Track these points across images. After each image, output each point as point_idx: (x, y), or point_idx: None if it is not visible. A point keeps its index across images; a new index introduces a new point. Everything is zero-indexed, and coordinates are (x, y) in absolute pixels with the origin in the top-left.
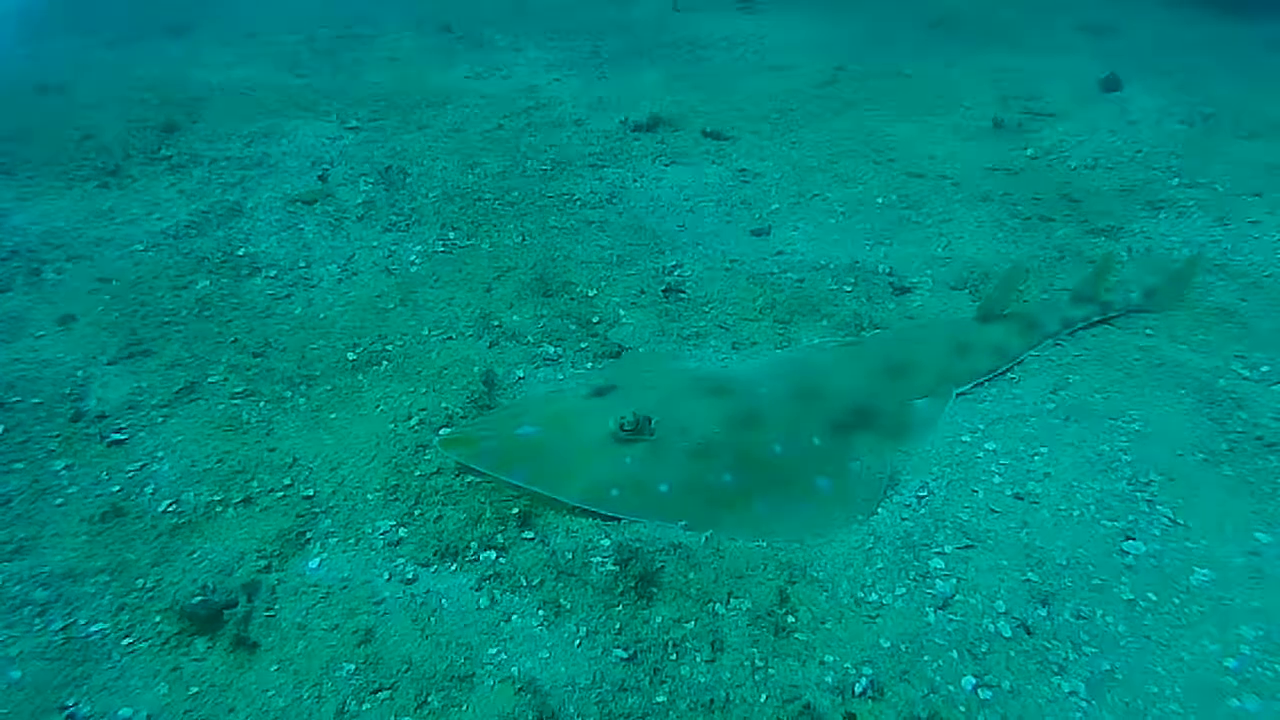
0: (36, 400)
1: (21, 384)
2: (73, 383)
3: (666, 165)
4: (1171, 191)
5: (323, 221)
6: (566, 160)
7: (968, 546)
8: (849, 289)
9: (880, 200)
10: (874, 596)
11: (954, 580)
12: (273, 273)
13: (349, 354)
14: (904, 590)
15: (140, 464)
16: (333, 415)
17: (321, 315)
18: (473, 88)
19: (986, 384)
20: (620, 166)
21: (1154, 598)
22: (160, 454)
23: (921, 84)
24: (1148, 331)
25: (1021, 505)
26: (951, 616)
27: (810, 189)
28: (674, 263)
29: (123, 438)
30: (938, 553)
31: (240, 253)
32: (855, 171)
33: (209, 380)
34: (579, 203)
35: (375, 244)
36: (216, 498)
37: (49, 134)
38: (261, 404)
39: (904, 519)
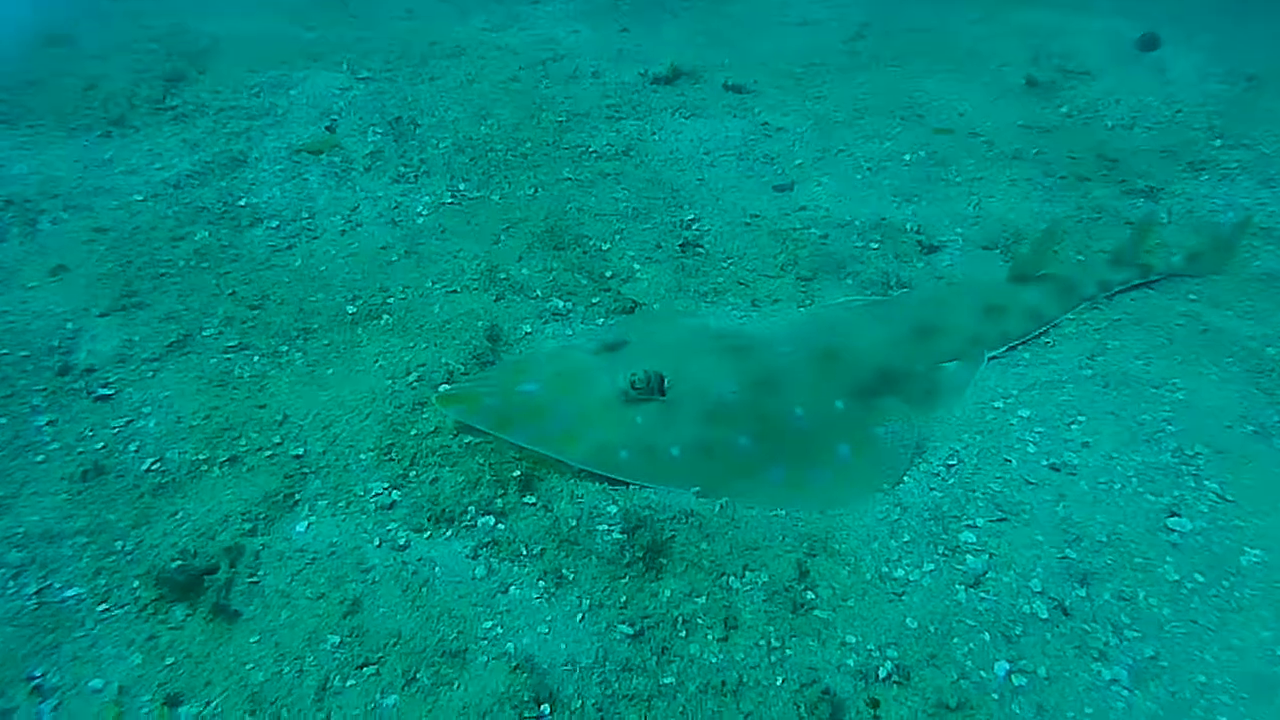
0: (24, 353)
1: (8, 336)
2: (62, 335)
3: (686, 118)
4: (1214, 152)
5: (328, 172)
6: (583, 112)
7: (1000, 520)
8: (875, 247)
9: (908, 157)
10: (900, 572)
11: (986, 556)
12: (274, 224)
13: (348, 307)
14: (932, 566)
15: (126, 420)
16: (329, 370)
17: (322, 267)
18: (489, 39)
19: (1020, 348)
20: (638, 119)
21: (1201, 579)
22: (147, 409)
23: (951, 40)
24: (1190, 296)
25: (1058, 477)
26: (983, 595)
27: (835, 144)
28: (692, 216)
29: (109, 392)
30: (968, 526)
31: (242, 203)
32: (882, 127)
33: (203, 333)
34: (594, 155)
35: (381, 195)
36: (202, 456)
37: (54, 84)
38: (256, 358)
39: (932, 489)
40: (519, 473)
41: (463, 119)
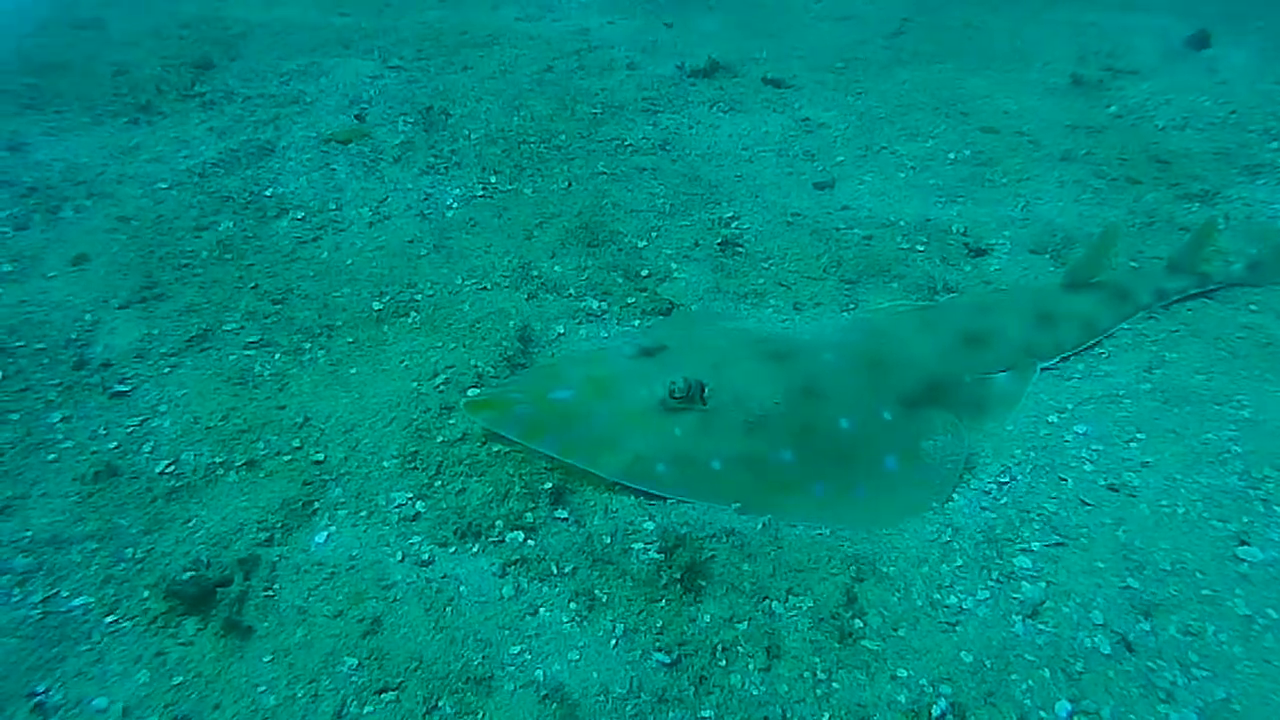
0: (40, 345)
1: (26, 328)
2: (80, 327)
3: (725, 112)
4: (1272, 155)
5: (356, 162)
6: (618, 105)
7: (1058, 544)
8: (921, 249)
9: (952, 156)
10: (953, 599)
11: (1043, 584)
12: (300, 215)
13: (374, 303)
14: (986, 594)
15: (141, 418)
16: (353, 370)
17: (349, 261)
18: (522, 29)
19: (1073, 359)
20: (675, 113)
21: (1275, 615)
22: (163, 408)
23: (995, 37)
24: (1251, 307)
25: (1117, 498)
26: (1041, 627)
27: (878, 141)
28: (731, 214)
29: (126, 389)
30: (1023, 550)
31: (268, 193)
32: (925, 125)
33: (224, 328)
34: (630, 149)
35: (410, 186)
36: (218, 459)
37: (82, 69)
38: (277, 356)
39: (984, 508)
40: (550, 485)
41: (495, 110)
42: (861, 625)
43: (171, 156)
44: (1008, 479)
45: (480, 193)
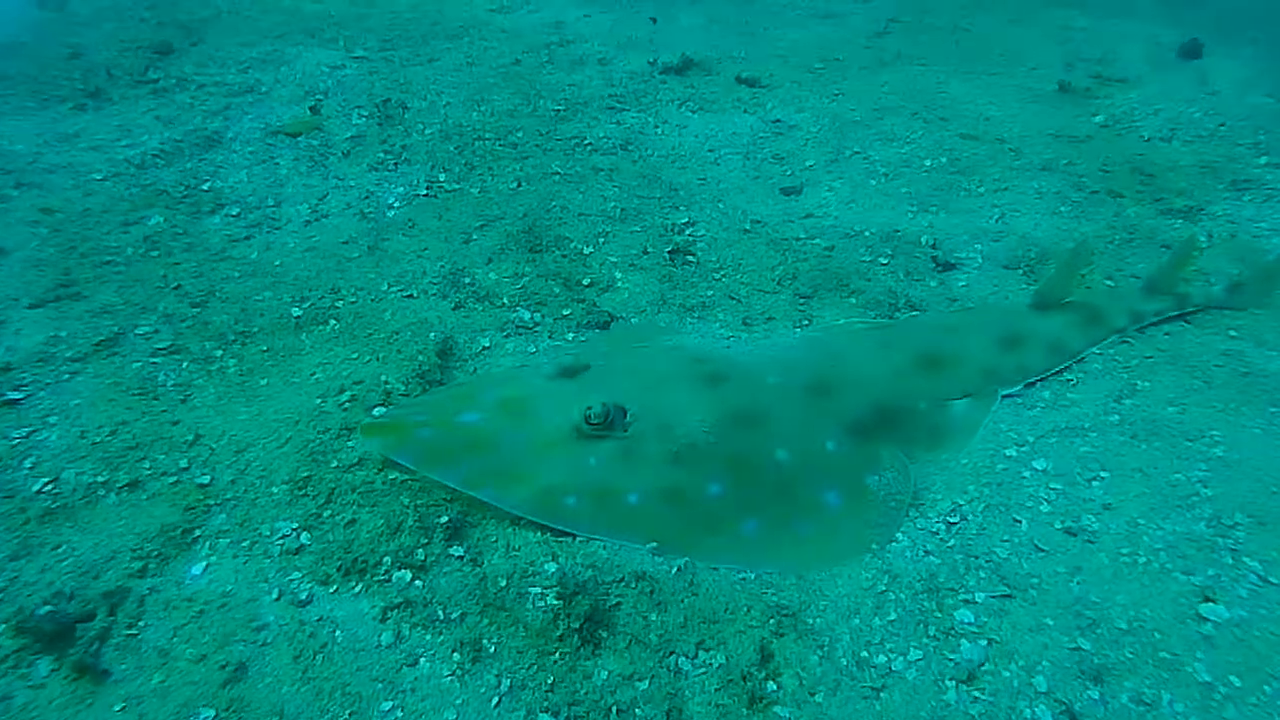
0: None
1: None
2: None
3: (693, 112)
4: (1258, 171)
5: (302, 156)
6: (583, 101)
7: (1005, 596)
8: (885, 262)
9: (928, 163)
10: (881, 658)
11: (984, 642)
12: (235, 211)
13: (294, 309)
14: (919, 654)
15: (29, 430)
16: (263, 381)
17: (277, 262)
18: (495, 21)
19: (1039, 385)
20: (641, 110)
21: (1238, 683)
22: (53, 419)
23: (981, 41)
24: (1231, 333)
25: (1075, 544)
26: (977, 694)
27: (850, 146)
28: (686, 220)
29: (19, 396)
30: (966, 601)
31: (205, 187)
32: (902, 129)
33: (137, 331)
34: (589, 148)
35: (354, 184)
36: (100, 479)
37: (34, 51)
38: (185, 364)
39: (928, 552)
40: (448, 518)
41: (455, 104)
42: (775, 688)
43: (111, 145)
44: (957, 519)
45: (425, 191)
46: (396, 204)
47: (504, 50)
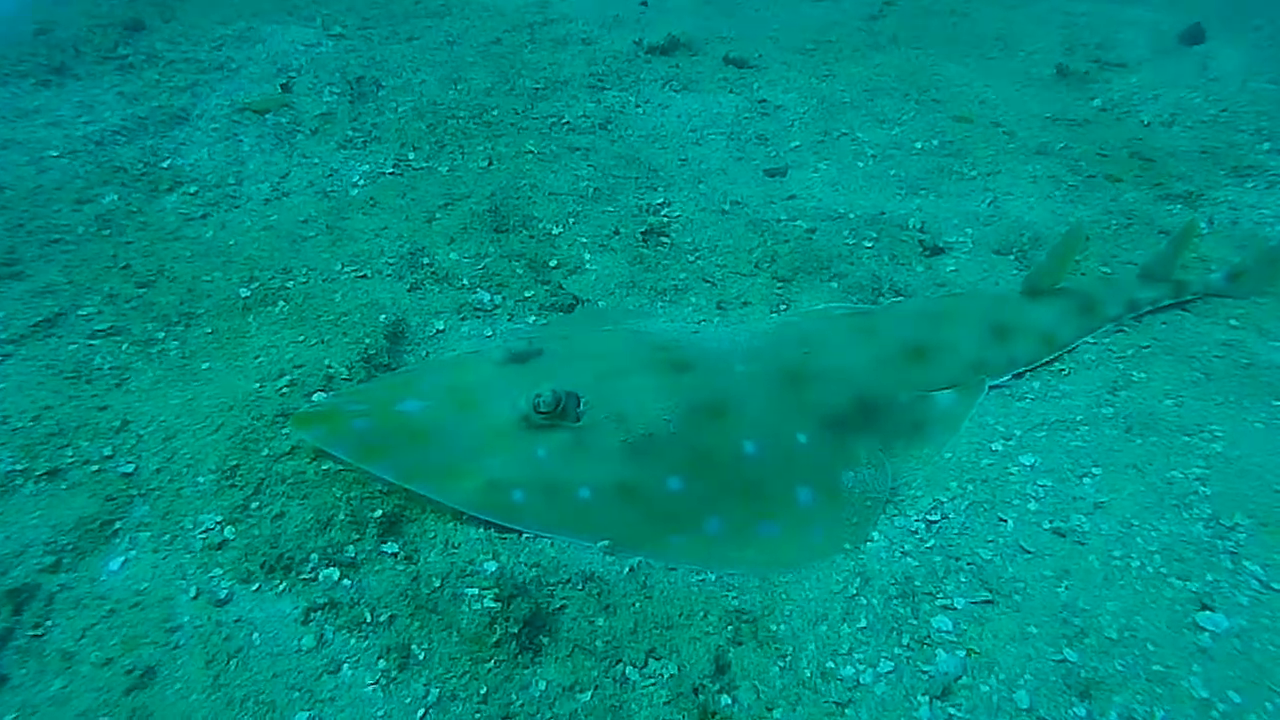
0: None
1: None
2: None
3: (676, 91)
4: (1261, 157)
5: (267, 134)
6: (563, 80)
7: (986, 602)
8: (869, 245)
9: (919, 145)
10: (848, 670)
11: (962, 653)
12: (193, 189)
13: (242, 290)
14: (891, 665)
15: None
16: (205, 365)
17: (231, 241)
18: (480, 0)
19: (1028, 375)
20: (623, 90)
21: (1237, 699)
22: None
23: (980, 24)
24: (1232, 322)
25: (1063, 546)
26: (952, 711)
27: (838, 127)
28: (662, 200)
29: None
30: (944, 607)
31: (165, 164)
32: (893, 111)
33: (79, 312)
34: (566, 127)
35: (318, 162)
36: (19, 467)
37: (3, 26)
38: (125, 346)
39: (905, 553)
40: (382, 512)
41: (430, 82)
42: (730, 703)
43: (71, 122)
44: (938, 517)
45: (390, 170)
46: (361, 182)
47: (486, 28)
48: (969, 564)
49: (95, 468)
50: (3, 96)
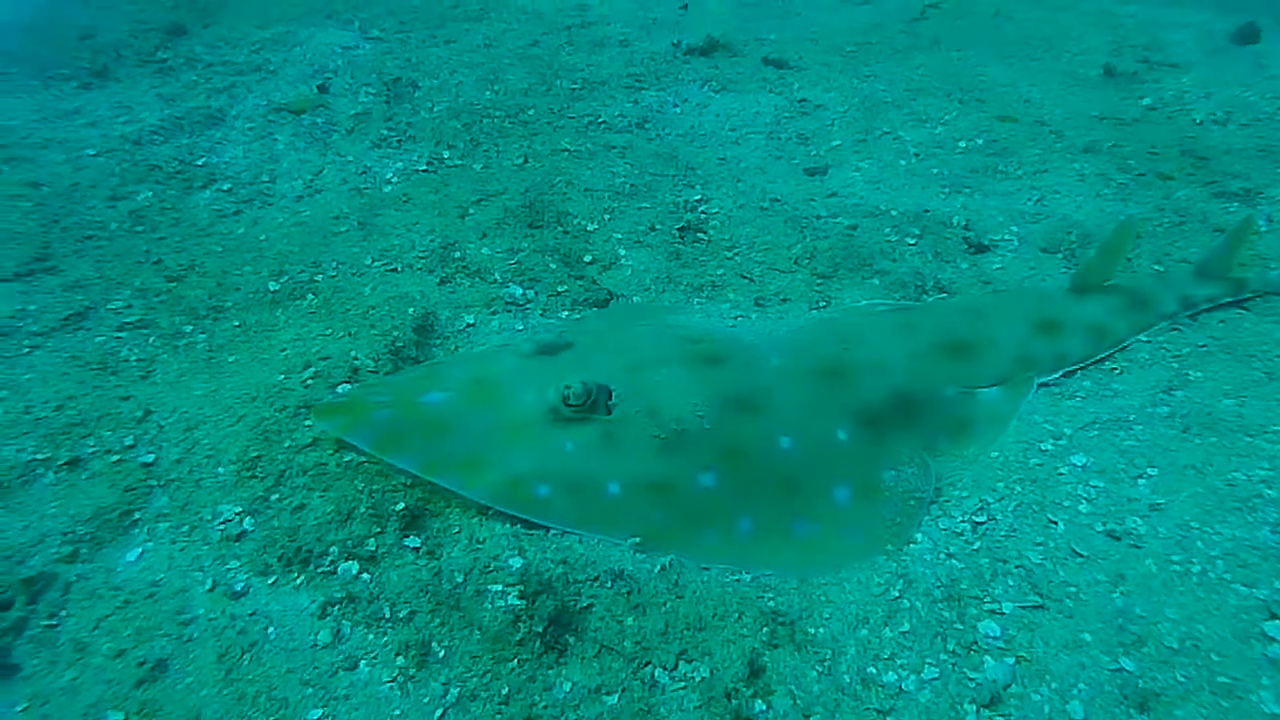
0: None
1: None
2: None
3: (715, 91)
4: None
5: (301, 133)
6: (600, 80)
7: (1036, 607)
8: (912, 242)
9: (963, 144)
10: (890, 676)
11: (1011, 660)
12: (226, 186)
13: (271, 284)
14: (936, 671)
15: None
16: (231, 358)
17: (262, 236)
18: (516, 2)
19: (1079, 374)
20: (661, 90)
21: None
22: (3, 394)
23: (1023, 26)
24: None
25: (1118, 549)
26: None
27: (880, 126)
28: (699, 197)
29: None
30: (992, 611)
31: (200, 162)
32: (936, 110)
33: (109, 306)
34: (603, 126)
35: (351, 159)
36: (40, 456)
37: (47, 30)
38: (152, 339)
39: (950, 555)
40: (404, 505)
41: (467, 83)
42: (764, 708)
43: (109, 122)
44: (985, 518)
45: (424, 167)
46: (394, 179)
47: (524, 31)
48: (1017, 567)
49: (116, 458)
50: (45, 98)
